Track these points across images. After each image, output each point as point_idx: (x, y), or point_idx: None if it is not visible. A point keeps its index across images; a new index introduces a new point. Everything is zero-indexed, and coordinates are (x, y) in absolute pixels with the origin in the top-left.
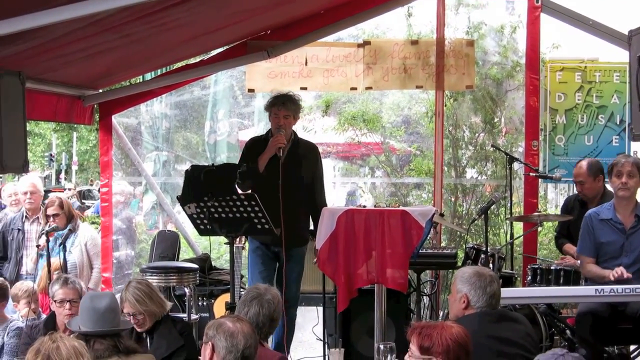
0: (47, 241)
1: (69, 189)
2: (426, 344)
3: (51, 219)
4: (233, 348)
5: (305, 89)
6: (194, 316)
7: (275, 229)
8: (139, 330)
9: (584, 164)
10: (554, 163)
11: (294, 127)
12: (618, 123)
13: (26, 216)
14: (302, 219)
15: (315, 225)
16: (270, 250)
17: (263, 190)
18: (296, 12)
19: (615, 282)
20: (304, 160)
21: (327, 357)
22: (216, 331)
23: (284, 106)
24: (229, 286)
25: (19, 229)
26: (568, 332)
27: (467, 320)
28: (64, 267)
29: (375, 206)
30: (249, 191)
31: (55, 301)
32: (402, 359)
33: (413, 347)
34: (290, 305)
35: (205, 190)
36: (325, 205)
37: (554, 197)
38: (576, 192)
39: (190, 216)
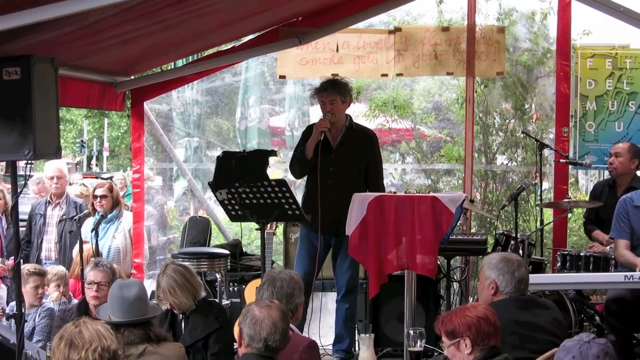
0: (79, 226)
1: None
2: (450, 328)
3: (98, 199)
4: (256, 336)
5: (336, 75)
6: (225, 302)
7: (307, 215)
8: (175, 311)
9: (627, 142)
10: (584, 149)
11: (350, 112)
12: None
13: (49, 201)
14: None
15: None
16: (320, 237)
17: (314, 176)
18: None
19: None
20: (357, 146)
21: (356, 342)
22: (244, 317)
23: (325, 91)
24: (259, 272)
25: (41, 214)
26: (597, 318)
27: (495, 306)
28: (95, 253)
29: (405, 192)
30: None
31: (85, 282)
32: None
33: (443, 337)
34: (343, 293)
35: (236, 176)
36: None
37: (584, 184)
38: (606, 178)
39: (221, 202)
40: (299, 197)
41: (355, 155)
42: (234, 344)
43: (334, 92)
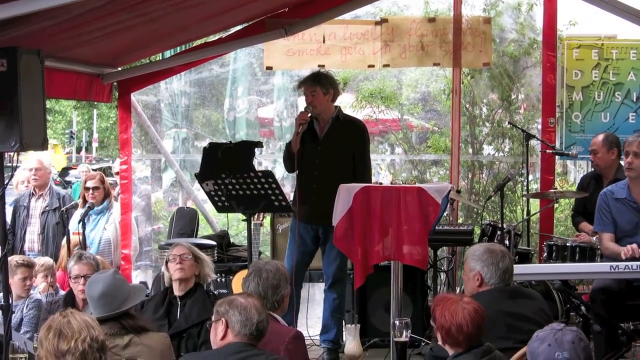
0: (67, 218)
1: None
2: (433, 315)
3: (90, 191)
4: (248, 322)
5: (323, 66)
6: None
7: (293, 207)
8: (178, 276)
9: (601, 135)
10: (571, 140)
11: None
12: (635, 100)
13: (32, 193)
14: None
15: None
16: (308, 228)
17: (301, 168)
18: None
19: (629, 259)
20: (343, 137)
21: (343, 332)
22: (229, 307)
23: (305, 84)
24: (247, 262)
25: (24, 206)
26: (583, 308)
27: (480, 297)
28: (82, 244)
29: (391, 183)
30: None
31: (70, 277)
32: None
33: None
34: (330, 284)
35: (222, 167)
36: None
37: (575, 177)
38: (592, 170)
39: (208, 193)
40: (285, 189)
41: (341, 146)
42: None
43: (314, 83)
